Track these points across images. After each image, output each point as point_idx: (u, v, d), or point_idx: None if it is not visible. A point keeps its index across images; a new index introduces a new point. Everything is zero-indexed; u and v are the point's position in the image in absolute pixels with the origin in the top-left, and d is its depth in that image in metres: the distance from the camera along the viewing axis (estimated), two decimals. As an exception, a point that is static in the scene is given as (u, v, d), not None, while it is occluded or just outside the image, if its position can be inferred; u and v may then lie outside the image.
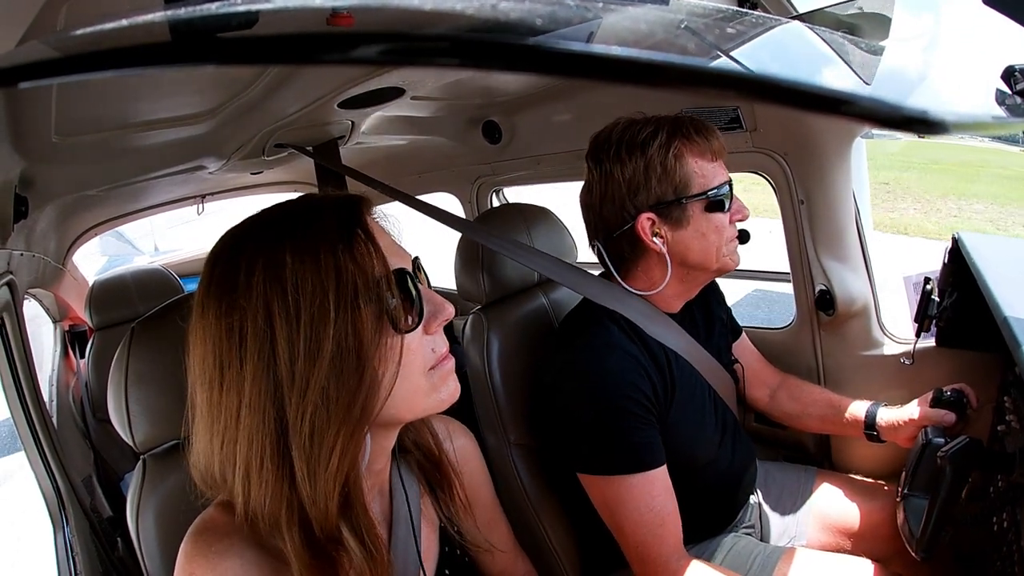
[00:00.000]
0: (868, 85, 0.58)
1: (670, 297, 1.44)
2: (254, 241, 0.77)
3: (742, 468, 1.55)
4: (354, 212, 0.80)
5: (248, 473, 0.76)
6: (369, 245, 0.77)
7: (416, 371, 0.82)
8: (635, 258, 1.41)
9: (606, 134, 1.38)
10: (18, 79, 0.38)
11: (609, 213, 1.38)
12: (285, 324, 0.73)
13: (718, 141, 1.35)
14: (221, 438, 0.77)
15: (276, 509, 0.77)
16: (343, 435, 0.75)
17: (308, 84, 1.45)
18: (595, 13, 0.49)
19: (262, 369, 0.74)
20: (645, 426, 1.30)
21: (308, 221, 0.77)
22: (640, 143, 1.32)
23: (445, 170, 2.85)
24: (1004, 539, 1.13)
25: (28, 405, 1.88)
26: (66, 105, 1.19)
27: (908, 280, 1.71)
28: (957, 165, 13.85)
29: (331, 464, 0.75)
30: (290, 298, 0.73)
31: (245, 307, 0.74)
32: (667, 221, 1.34)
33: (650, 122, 1.34)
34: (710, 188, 1.33)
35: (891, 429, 1.51)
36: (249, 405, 0.75)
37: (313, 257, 0.74)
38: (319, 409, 0.74)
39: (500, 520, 1.20)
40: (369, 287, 0.76)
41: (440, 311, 0.84)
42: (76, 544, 1.84)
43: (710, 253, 1.36)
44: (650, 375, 1.33)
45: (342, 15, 0.41)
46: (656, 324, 1.41)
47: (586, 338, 1.38)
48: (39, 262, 2.27)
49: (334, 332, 0.73)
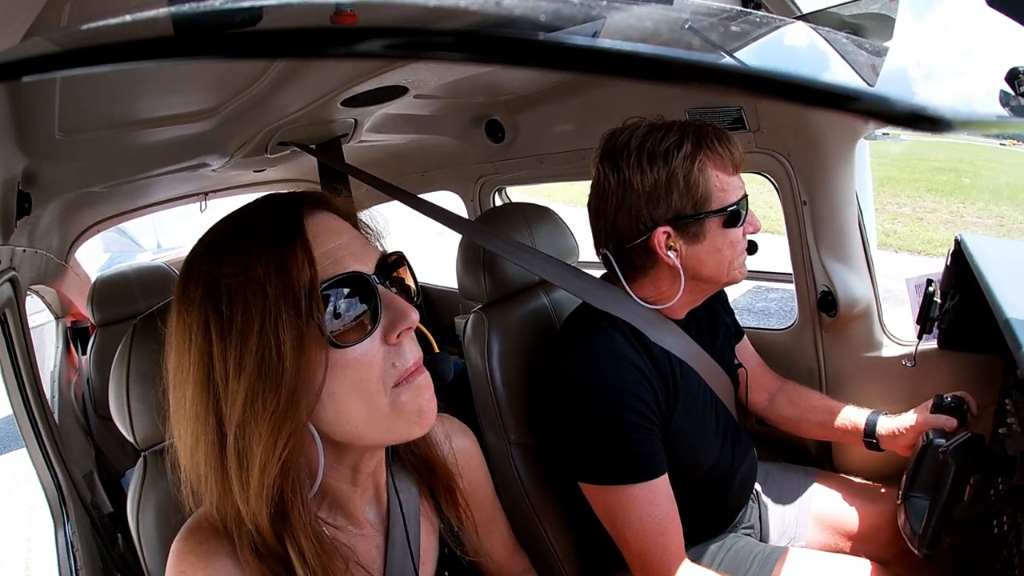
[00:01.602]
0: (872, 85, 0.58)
1: (676, 307, 1.41)
2: (205, 251, 0.79)
3: (742, 470, 1.55)
4: (293, 216, 0.78)
5: (201, 478, 0.79)
6: (301, 253, 0.74)
7: (373, 389, 0.77)
8: (645, 269, 1.37)
9: (625, 138, 1.31)
10: (21, 73, 0.38)
11: (624, 222, 1.33)
12: (218, 336, 0.74)
13: (739, 152, 1.31)
14: (181, 441, 0.80)
15: (225, 517, 0.79)
16: (265, 447, 0.74)
17: (311, 82, 1.45)
18: (600, 11, 0.49)
19: (201, 378, 0.75)
20: (646, 435, 1.29)
21: (245, 231, 0.77)
22: (663, 152, 1.26)
23: (448, 169, 2.85)
24: (1005, 542, 1.13)
25: (30, 401, 1.88)
26: (70, 102, 1.19)
27: (910, 282, 1.71)
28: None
29: (258, 476, 0.75)
30: (224, 313, 0.73)
31: (190, 322, 0.76)
32: (683, 236, 1.30)
33: (673, 129, 1.28)
34: (729, 204, 1.30)
35: (891, 437, 1.50)
36: (196, 416, 0.77)
37: (242, 270, 0.73)
38: (248, 420, 0.74)
39: (499, 519, 1.20)
40: (293, 301, 0.73)
41: (400, 318, 0.78)
42: (77, 540, 1.84)
43: (723, 268, 1.34)
44: (652, 384, 1.31)
45: (346, 13, 0.41)
46: (661, 330, 1.38)
47: (588, 344, 1.36)
48: (42, 258, 2.28)
49: (256, 347, 0.72)
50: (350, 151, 2.22)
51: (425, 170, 2.93)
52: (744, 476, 1.57)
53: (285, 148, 2.05)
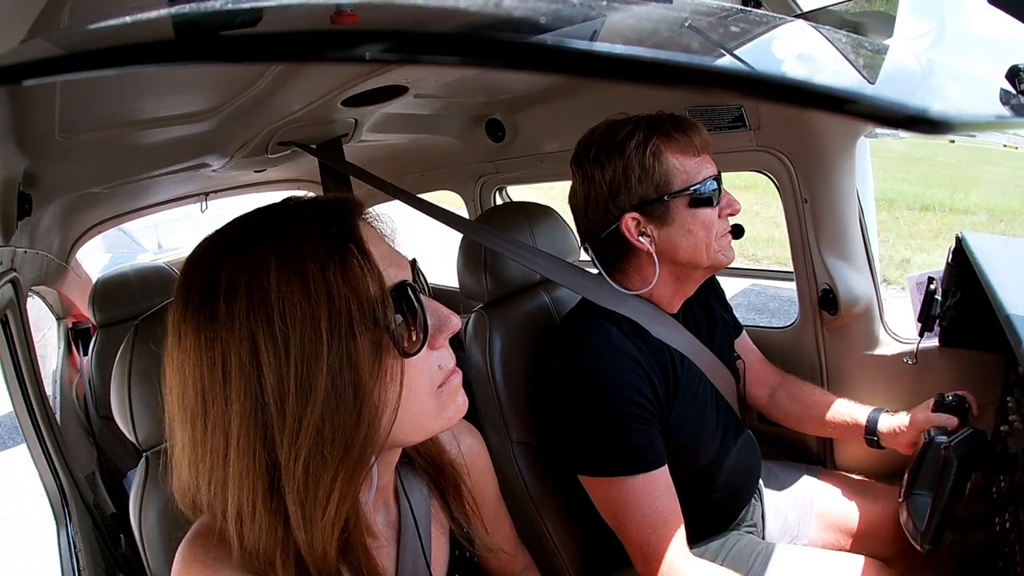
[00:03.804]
0: (872, 84, 0.58)
1: (667, 297, 1.43)
2: (234, 258, 0.69)
3: (746, 468, 1.55)
4: (346, 222, 0.72)
5: (240, 514, 0.70)
6: (364, 261, 0.69)
7: (423, 392, 0.75)
8: (625, 258, 1.41)
9: (587, 138, 1.39)
10: (21, 77, 0.38)
11: (594, 215, 1.38)
12: (273, 358, 0.65)
13: (700, 136, 1.34)
14: (208, 478, 0.71)
15: (271, 550, 0.71)
16: (341, 478, 0.69)
17: (311, 82, 1.45)
18: (599, 11, 0.49)
19: (250, 408, 0.67)
20: (645, 426, 1.30)
21: (294, 234, 0.69)
22: (618, 143, 1.32)
23: (448, 168, 2.85)
24: (1006, 540, 1.13)
25: (32, 402, 1.88)
26: (70, 103, 1.19)
27: (911, 280, 1.70)
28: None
29: (329, 510, 0.69)
30: (277, 329, 0.65)
31: (228, 339, 0.66)
32: (652, 219, 1.34)
33: (629, 122, 1.33)
34: (693, 184, 1.32)
35: (892, 435, 1.50)
36: (237, 447, 0.68)
37: (301, 280, 0.66)
38: (314, 452, 0.67)
39: (504, 518, 1.19)
40: (365, 311, 0.68)
41: (445, 324, 0.76)
42: (79, 541, 1.84)
43: (700, 249, 1.35)
44: (649, 376, 1.32)
45: (346, 13, 0.41)
46: (657, 323, 1.40)
47: (584, 337, 1.38)
48: (43, 259, 2.28)
49: (328, 366, 0.66)
50: (351, 151, 2.22)
51: (425, 170, 2.93)
52: (747, 472, 1.57)
53: (286, 148, 2.05)
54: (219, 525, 0.74)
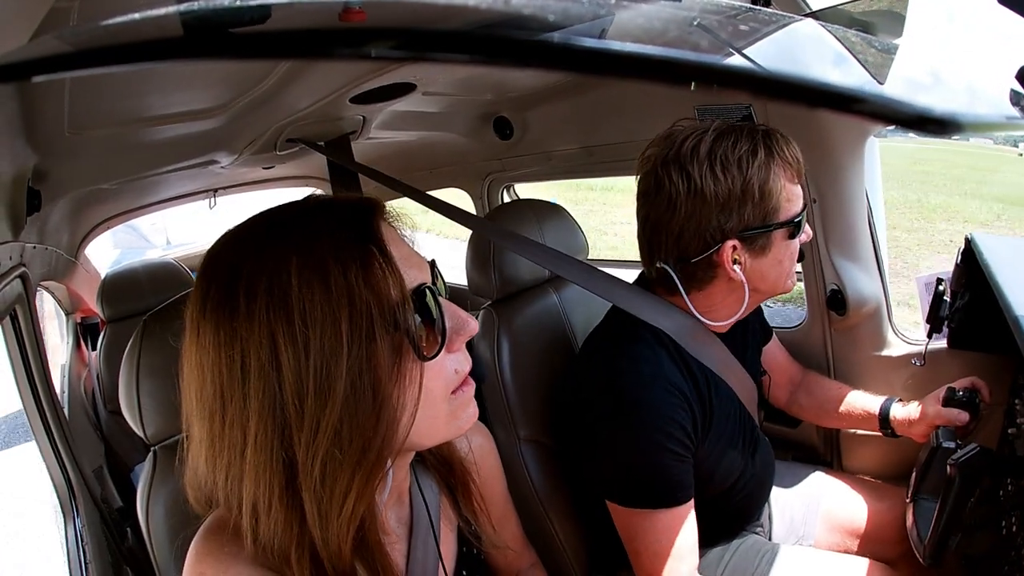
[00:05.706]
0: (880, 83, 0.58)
1: (724, 319, 1.34)
2: (255, 255, 0.68)
3: (763, 476, 1.53)
4: (368, 223, 0.72)
5: (255, 510, 0.71)
6: (385, 263, 0.69)
7: (438, 397, 0.75)
8: (703, 283, 1.29)
9: (692, 142, 1.21)
10: (31, 73, 0.38)
11: (690, 234, 1.23)
12: (292, 359, 0.65)
13: (802, 160, 1.25)
14: (225, 473, 0.71)
15: (286, 545, 0.71)
16: (358, 479, 0.69)
17: (320, 79, 1.46)
18: (608, 10, 0.49)
19: (268, 407, 0.67)
20: (679, 462, 1.24)
21: (316, 234, 0.69)
22: (737, 160, 1.18)
23: (456, 166, 2.86)
24: (1012, 543, 1.13)
25: (40, 396, 1.90)
26: (79, 100, 1.20)
27: (920, 280, 1.70)
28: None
29: (345, 508, 0.70)
30: (297, 329, 0.65)
31: (247, 337, 0.66)
32: (750, 249, 1.23)
33: (743, 135, 1.20)
34: (795, 215, 1.24)
35: (905, 424, 1.49)
36: (255, 444, 0.68)
37: (323, 281, 0.66)
38: (331, 452, 0.67)
39: (511, 516, 1.20)
40: (386, 314, 0.68)
41: (463, 327, 0.76)
42: (86, 534, 1.86)
43: (782, 279, 1.29)
44: (692, 408, 1.25)
45: (355, 10, 0.41)
46: (700, 342, 1.30)
47: (634, 364, 1.27)
48: (52, 255, 2.29)
49: (347, 368, 0.66)
50: (359, 148, 2.22)
51: (433, 167, 2.93)
52: (765, 481, 1.55)
53: (294, 145, 2.05)
54: (234, 519, 0.74)
